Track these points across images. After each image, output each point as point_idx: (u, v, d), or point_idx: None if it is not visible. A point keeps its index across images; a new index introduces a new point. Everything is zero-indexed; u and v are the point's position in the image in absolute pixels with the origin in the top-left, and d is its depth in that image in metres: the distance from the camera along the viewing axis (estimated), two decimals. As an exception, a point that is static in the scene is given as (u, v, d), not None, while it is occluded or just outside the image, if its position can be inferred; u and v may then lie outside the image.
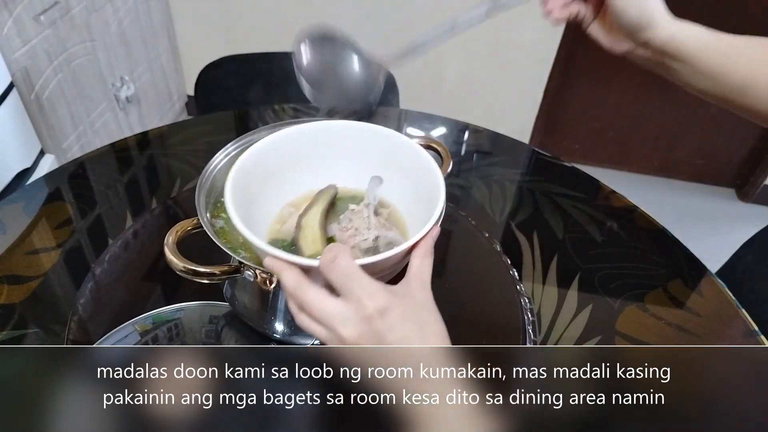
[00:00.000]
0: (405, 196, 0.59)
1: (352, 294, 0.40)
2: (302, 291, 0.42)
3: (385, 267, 0.47)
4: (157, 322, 0.57)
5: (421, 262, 0.45)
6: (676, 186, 2.24)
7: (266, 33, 2.09)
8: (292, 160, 0.60)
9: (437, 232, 0.47)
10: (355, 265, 0.41)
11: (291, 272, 0.43)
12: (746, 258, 0.85)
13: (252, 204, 0.55)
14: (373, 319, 0.39)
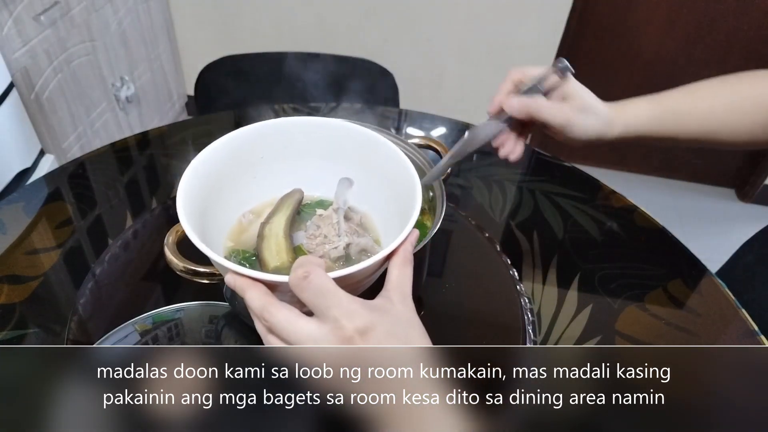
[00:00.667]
0: (378, 200, 0.54)
1: (328, 314, 0.37)
2: (270, 312, 0.38)
3: (360, 278, 0.43)
4: (157, 322, 0.57)
5: (399, 271, 0.42)
6: (676, 186, 2.24)
7: (266, 33, 2.09)
8: (250, 162, 0.55)
9: (415, 237, 0.44)
10: (330, 282, 0.37)
11: (256, 290, 0.39)
12: (746, 258, 0.85)
13: (207, 211, 0.51)
14: (353, 340, 0.36)
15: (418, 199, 0.46)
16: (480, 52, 1.94)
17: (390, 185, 0.52)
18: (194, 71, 1.29)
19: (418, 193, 0.47)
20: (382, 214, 0.55)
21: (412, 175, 0.48)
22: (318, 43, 2.06)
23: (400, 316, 0.39)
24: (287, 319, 0.38)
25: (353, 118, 0.81)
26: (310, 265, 0.38)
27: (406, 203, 0.47)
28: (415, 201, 0.46)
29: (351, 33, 2.02)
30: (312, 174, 0.57)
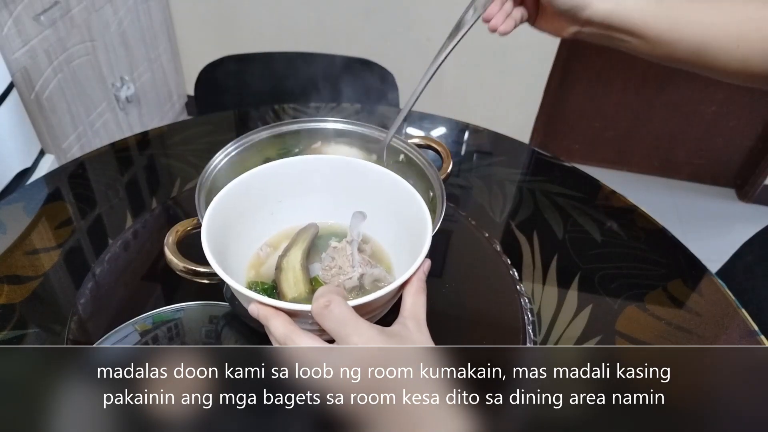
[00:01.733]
0: (388, 231, 0.57)
1: (348, 341, 0.38)
2: (293, 340, 0.40)
3: (376, 306, 0.45)
4: (157, 322, 0.57)
5: (414, 299, 0.43)
6: (676, 186, 2.24)
7: (266, 33, 2.09)
8: (267, 199, 0.58)
9: (428, 266, 0.46)
10: (350, 311, 0.39)
11: (279, 320, 0.41)
12: (746, 258, 0.85)
13: (228, 246, 0.53)
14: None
15: (429, 231, 0.48)
16: (480, 53, 1.94)
17: (401, 218, 0.55)
18: (194, 71, 1.29)
19: (428, 225, 0.49)
20: (393, 245, 0.58)
21: (423, 209, 0.51)
22: (318, 43, 2.06)
23: (416, 343, 0.41)
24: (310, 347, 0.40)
25: (353, 118, 0.81)
26: (331, 295, 0.39)
27: (418, 234, 0.50)
28: (426, 232, 0.48)
29: (351, 33, 2.02)
30: (326, 208, 0.60)
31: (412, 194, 0.53)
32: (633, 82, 1.99)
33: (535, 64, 1.94)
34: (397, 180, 0.55)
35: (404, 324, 0.42)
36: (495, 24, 0.63)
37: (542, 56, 1.92)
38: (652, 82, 1.97)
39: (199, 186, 0.61)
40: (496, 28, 0.63)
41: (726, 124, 2.06)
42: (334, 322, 0.39)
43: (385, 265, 0.56)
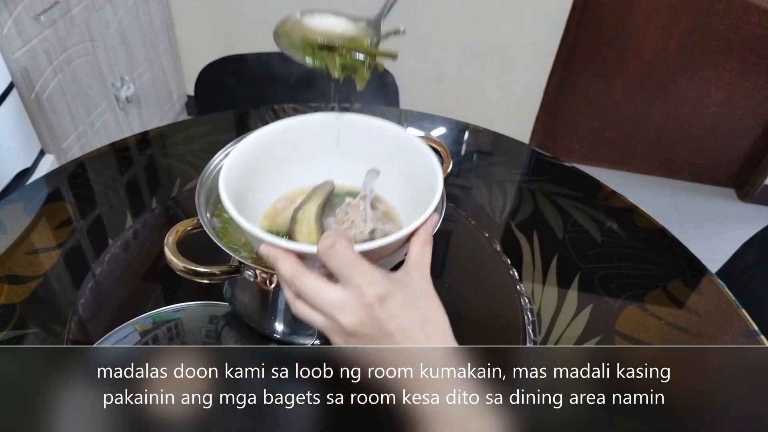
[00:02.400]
0: (401, 192, 0.59)
1: (351, 281, 0.39)
2: (299, 279, 0.41)
3: (382, 254, 0.46)
4: (157, 322, 0.57)
5: (420, 250, 0.44)
6: (676, 186, 2.24)
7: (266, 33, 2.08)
8: (285, 154, 0.60)
9: (436, 220, 0.47)
10: (354, 252, 0.40)
11: (288, 260, 0.42)
12: (746, 258, 0.85)
13: (245, 196, 0.55)
14: (373, 306, 0.38)
15: (439, 186, 0.49)
16: (480, 53, 1.94)
17: (412, 175, 0.56)
18: (194, 71, 1.28)
19: (439, 180, 0.50)
20: (404, 205, 0.59)
21: (434, 164, 0.52)
22: (318, 43, 2.06)
23: (418, 289, 0.42)
24: (315, 285, 0.41)
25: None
26: (336, 236, 0.40)
27: (428, 192, 0.51)
28: (437, 187, 0.49)
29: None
30: (342, 169, 0.61)
31: (425, 151, 0.54)
32: (633, 82, 1.99)
33: (535, 64, 1.94)
34: (411, 138, 0.56)
35: (407, 272, 0.42)
36: None
37: (542, 56, 1.92)
38: (652, 82, 1.97)
39: (199, 186, 0.61)
40: None
41: (726, 124, 2.06)
42: (338, 262, 0.40)
43: (397, 225, 0.57)
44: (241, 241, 0.59)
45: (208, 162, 0.64)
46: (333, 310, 0.40)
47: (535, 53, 1.91)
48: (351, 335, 0.40)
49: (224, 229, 0.60)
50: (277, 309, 0.57)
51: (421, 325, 0.40)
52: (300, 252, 0.43)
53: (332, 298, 0.40)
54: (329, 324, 0.41)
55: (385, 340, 0.39)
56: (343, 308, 0.39)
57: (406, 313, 0.39)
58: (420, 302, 0.41)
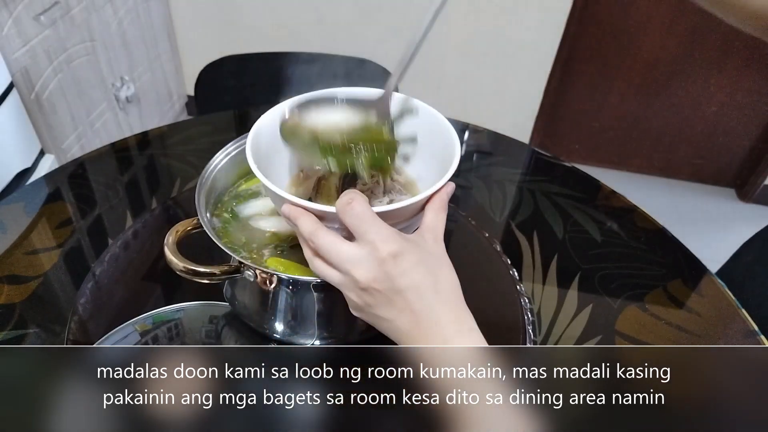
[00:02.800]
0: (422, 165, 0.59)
1: (366, 237, 0.40)
2: (317, 236, 0.42)
3: (398, 218, 0.47)
4: (157, 322, 0.57)
5: (435, 215, 0.45)
6: (676, 186, 2.24)
7: (266, 33, 2.09)
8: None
9: (452, 188, 0.48)
10: (370, 210, 0.41)
11: (307, 218, 0.44)
12: (746, 258, 0.85)
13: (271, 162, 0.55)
14: (386, 262, 0.40)
15: (456, 155, 0.50)
16: (480, 53, 1.94)
17: (432, 147, 0.57)
18: (194, 71, 1.29)
19: (457, 149, 0.51)
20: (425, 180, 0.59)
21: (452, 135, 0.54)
22: (318, 43, 2.06)
23: (431, 250, 0.43)
24: (332, 241, 0.42)
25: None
26: (354, 194, 0.42)
27: (444, 159, 0.51)
28: (454, 156, 0.50)
29: (351, 33, 2.02)
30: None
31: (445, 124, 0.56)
32: (633, 82, 1.99)
33: (535, 64, 1.94)
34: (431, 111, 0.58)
35: (421, 234, 0.44)
36: None
37: (542, 56, 1.92)
38: (652, 82, 1.97)
39: (199, 186, 0.61)
40: None
41: (726, 124, 2.06)
42: (354, 218, 0.41)
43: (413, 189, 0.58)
44: (241, 241, 0.59)
45: (208, 162, 0.64)
46: (348, 265, 0.41)
47: (535, 53, 1.91)
48: (364, 290, 0.41)
49: (224, 229, 0.60)
50: (277, 309, 0.57)
51: (433, 283, 0.41)
52: (319, 212, 0.44)
53: (348, 253, 0.41)
54: (344, 279, 0.42)
55: (396, 296, 0.40)
56: (358, 263, 0.41)
57: (418, 271, 0.41)
58: (432, 263, 0.42)
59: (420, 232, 0.45)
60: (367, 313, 0.43)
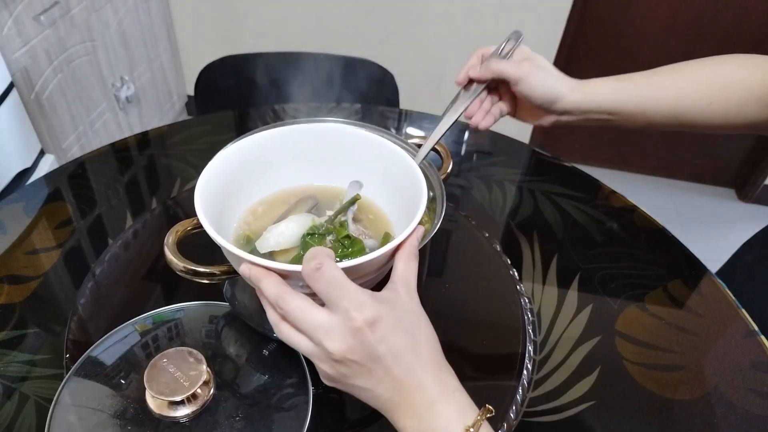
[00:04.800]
0: (385, 194, 0.59)
1: (339, 305, 0.38)
2: (285, 300, 0.39)
3: (368, 271, 0.45)
4: (157, 322, 0.57)
5: (405, 265, 0.43)
6: (676, 186, 2.24)
7: (266, 33, 2.09)
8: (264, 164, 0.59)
9: (421, 232, 0.45)
10: (341, 274, 0.39)
11: (271, 280, 0.41)
12: (746, 258, 0.85)
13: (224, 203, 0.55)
14: (362, 331, 0.37)
15: (423, 199, 0.48)
16: (480, 52, 1.94)
17: (397, 185, 0.55)
18: (194, 71, 1.29)
19: (423, 192, 0.49)
20: (391, 209, 0.59)
21: (418, 177, 0.52)
22: (318, 43, 2.06)
23: (407, 308, 0.41)
24: (301, 307, 0.39)
25: (353, 118, 0.81)
26: (322, 257, 0.39)
27: (412, 202, 0.50)
28: (421, 200, 0.48)
29: (351, 33, 2.02)
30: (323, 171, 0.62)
31: (408, 163, 0.54)
32: (633, 82, 1.99)
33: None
34: (393, 149, 0.56)
35: (395, 289, 0.41)
36: (476, 121, 0.69)
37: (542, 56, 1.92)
38: (652, 82, 1.97)
39: (199, 186, 0.61)
40: (477, 125, 0.69)
41: (726, 124, 2.06)
42: (325, 285, 0.38)
43: (385, 228, 0.57)
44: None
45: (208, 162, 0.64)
46: (320, 334, 0.38)
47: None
48: (338, 362, 0.38)
49: (224, 229, 0.60)
50: (277, 309, 0.57)
51: (412, 345, 0.39)
52: (284, 271, 0.41)
53: (319, 321, 0.38)
54: (316, 350, 0.39)
55: (374, 364, 0.38)
56: (331, 332, 0.38)
57: (396, 335, 0.38)
58: (409, 322, 0.40)
59: (392, 285, 0.42)
60: (343, 384, 0.40)
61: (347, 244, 0.52)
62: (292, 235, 0.52)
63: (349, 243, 0.52)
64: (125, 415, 0.48)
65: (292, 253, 0.52)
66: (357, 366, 0.38)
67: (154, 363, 0.49)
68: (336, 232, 0.53)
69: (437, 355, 0.41)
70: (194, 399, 0.48)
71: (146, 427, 0.47)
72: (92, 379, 0.51)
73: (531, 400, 0.58)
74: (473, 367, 0.61)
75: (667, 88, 0.63)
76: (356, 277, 0.42)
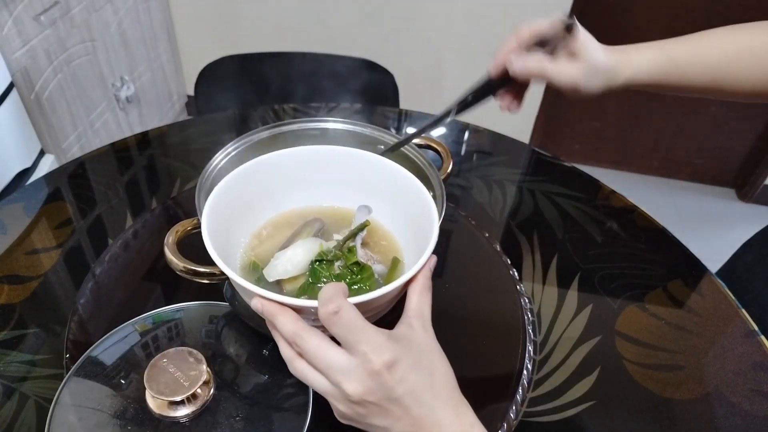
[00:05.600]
0: (395, 217, 0.57)
1: (357, 348, 0.38)
2: (302, 339, 0.39)
3: (381, 303, 0.45)
4: (157, 322, 0.57)
5: (419, 297, 0.42)
6: (676, 186, 2.24)
7: (266, 33, 2.09)
8: (271, 185, 0.58)
9: (434, 263, 0.45)
10: (359, 317, 0.38)
11: (287, 316, 0.40)
12: (746, 258, 0.85)
13: (231, 227, 0.54)
14: (381, 374, 0.37)
15: (435, 226, 0.47)
16: (480, 52, 1.94)
17: (407, 209, 0.54)
18: (194, 71, 1.29)
19: (434, 221, 0.48)
20: (401, 231, 0.58)
21: (429, 204, 0.50)
22: (318, 43, 2.06)
23: (423, 346, 0.40)
24: (319, 346, 0.39)
25: (353, 117, 0.81)
26: (339, 299, 0.38)
27: (424, 228, 0.49)
28: (432, 228, 0.47)
29: (351, 33, 2.02)
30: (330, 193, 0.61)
31: (420, 190, 0.53)
32: (633, 82, 1.99)
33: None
34: (402, 173, 0.55)
35: (409, 324, 0.41)
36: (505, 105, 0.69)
37: (542, 56, 1.92)
38: (652, 82, 1.97)
39: (199, 186, 0.61)
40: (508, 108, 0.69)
41: (726, 124, 2.06)
42: (343, 329, 0.38)
43: (394, 252, 0.56)
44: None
45: (208, 162, 0.64)
46: (338, 375, 0.38)
47: (535, 53, 1.91)
48: (356, 403, 0.38)
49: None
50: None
51: (430, 384, 0.39)
52: (298, 307, 0.40)
53: (337, 361, 0.38)
54: (333, 390, 0.39)
55: (392, 405, 0.38)
56: (349, 374, 0.38)
57: (414, 374, 0.38)
58: (426, 360, 0.40)
59: (407, 320, 0.41)
60: (358, 423, 0.40)
61: (356, 270, 0.51)
62: (299, 261, 0.51)
63: (358, 270, 0.51)
64: (125, 415, 0.48)
65: (300, 280, 0.51)
66: (375, 407, 0.38)
67: (154, 363, 0.49)
68: (344, 258, 0.52)
69: (455, 392, 0.41)
70: (194, 399, 0.48)
71: (146, 427, 0.47)
72: (92, 379, 0.51)
73: (531, 400, 0.58)
74: (473, 367, 0.60)
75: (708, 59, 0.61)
76: (368, 309, 0.42)
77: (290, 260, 0.51)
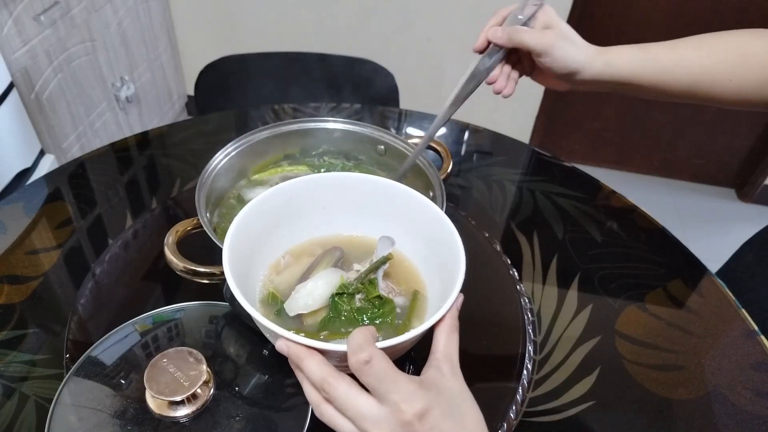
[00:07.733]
0: (418, 251, 0.56)
1: (388, 397, 0.37)
2: (331, 385, 0.38)
3: (406, 346, 0.44)
4: (157, 322, 0.57)
5: (447, 339, 0.42)
6: (676, 186, 2.24)
7: (266, 33, 2.09)
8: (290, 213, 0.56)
9: (461, 301, 0.44)
10: (390, 366, 0.38)
11: (315, 361, 0.39)
12: (746, 258, 0.85)
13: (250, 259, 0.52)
14: (412, 424, 0.37)
15: (462, 263, 0.46)
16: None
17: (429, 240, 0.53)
18: (194, 71, 1.29)
19: (461, 257, 0.46)
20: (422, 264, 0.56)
21: (456, 240, 0.48)
22: (318, 43, 2.06)
23: (453, 392, 0.40)
24: (348, 393, 0.38)
25: (353, 118, 0.81)
26: (370, 348, 0.38)
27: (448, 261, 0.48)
28: (459, 266, 0.45)
29: (351, 33, 2.02)
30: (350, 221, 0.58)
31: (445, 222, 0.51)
32: (633, 82, 1.99)
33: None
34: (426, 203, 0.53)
35: (438, 367, 0.40)
36: (500, 87, 0.67)
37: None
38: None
39: (199, 186, 0.61)
40: (501, 91, 0.67)
41: (726, 124, 2.06)
42: (374, 379, 0.37)
43: (416, 284, 0.54)
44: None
45: (208, 162, 0.64)
46: (367, 424, 0.37)
47: (535, 53, 1.91)
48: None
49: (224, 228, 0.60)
50: (277, 309, 0.57)
51: (461, 430, 0.38)
52: (327, 351, 0.39)
53: (368, 410, 0.38)
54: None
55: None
56: (379, 424, 0.37)
57: (445, 423, 0.38)
58: (456, 406, 0.39)
59: (435, 363, 0.41)
60: None
61: (378, 304, 0.50)
62: (320, 295, 0.51)
63: (380, 303, 0.50)
64: (125, 415, 0.48)
65: (321, 313, 0.51)
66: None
67: (154, 363, 0.49)
68: (366, 291, 0.51)
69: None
70: (194, 399, 0.48)
71: (146, 427, 0.47)
72: (92, 379, 0.51)
73: (531, 400, 0.58)
74: (473, 367, 0.60)
75: (688, 60, 0.61)
76: (394, 351, 0.41)
77: (311, 294, 0.51)
